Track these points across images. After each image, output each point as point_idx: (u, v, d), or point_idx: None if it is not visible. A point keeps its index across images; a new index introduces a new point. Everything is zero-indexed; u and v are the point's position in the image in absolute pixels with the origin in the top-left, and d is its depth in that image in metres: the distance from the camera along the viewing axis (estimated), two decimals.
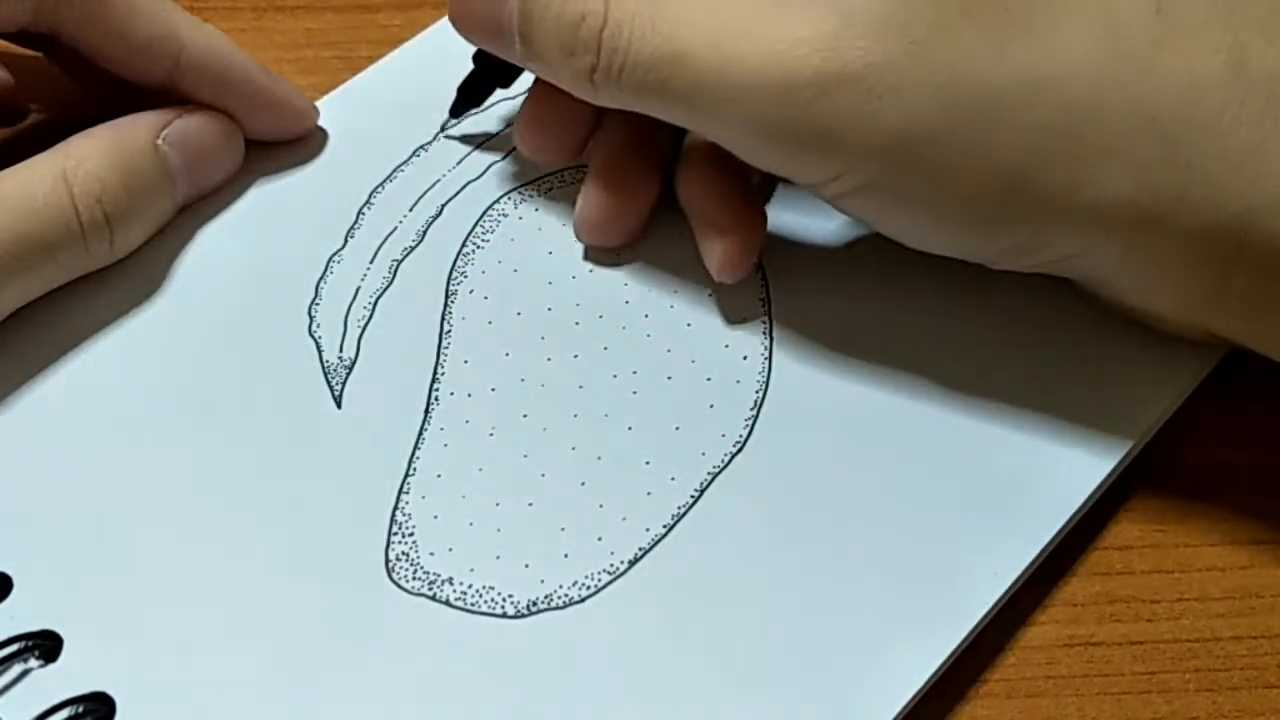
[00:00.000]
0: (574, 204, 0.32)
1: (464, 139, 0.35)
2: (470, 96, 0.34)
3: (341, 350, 0.31)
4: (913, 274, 0.31)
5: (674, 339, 0.31)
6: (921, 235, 0.28)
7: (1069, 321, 0.30)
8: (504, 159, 0.34)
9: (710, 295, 0.31)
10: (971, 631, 0.26)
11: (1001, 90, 0.25)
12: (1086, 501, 0.28)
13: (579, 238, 0.32)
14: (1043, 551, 0.27)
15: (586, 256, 0.32)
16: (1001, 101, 0.25)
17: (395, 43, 0.37)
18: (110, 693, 0.25)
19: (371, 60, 0.36)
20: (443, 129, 0.35)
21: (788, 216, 0.33)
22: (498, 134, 0.35)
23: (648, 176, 0.32)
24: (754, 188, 0.32)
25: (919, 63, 0.25)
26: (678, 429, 0.29)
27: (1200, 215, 0.26)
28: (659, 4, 0.27)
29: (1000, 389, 0.29)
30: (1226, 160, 0.25)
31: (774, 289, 0.31)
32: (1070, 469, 0.28)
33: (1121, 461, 0.29)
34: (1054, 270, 0.28)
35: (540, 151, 0.32)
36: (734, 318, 0.31)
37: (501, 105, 0.35)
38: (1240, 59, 0.25)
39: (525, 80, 0.33)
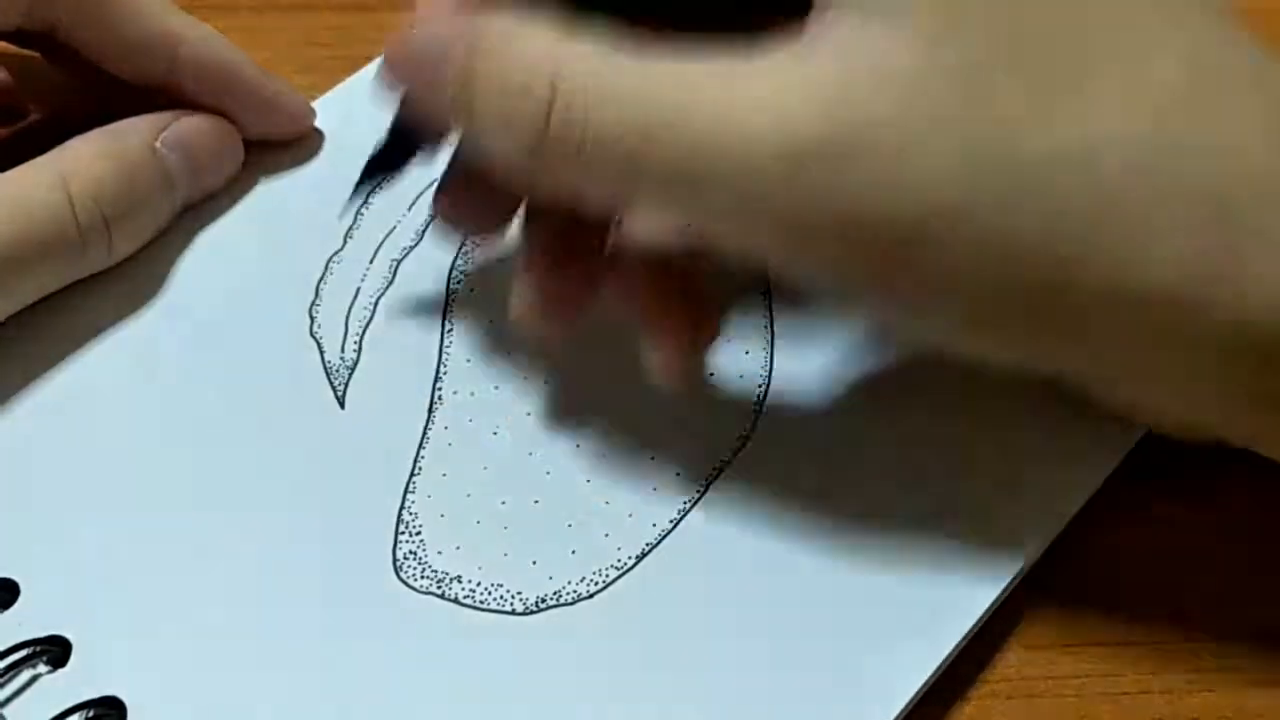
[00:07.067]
0: None
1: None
2: (380, 166, 0.29)
3: (343, 351, 0.31)
4: None
5: None
6: (949, 334, 0.25)
7: None
8: None
9: None
10: (972, 630, 0.26)
11: (1039, 166, 0.22)
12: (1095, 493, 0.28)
13: (514, 328, 0.28)
14: (1045, 543, 0.27)
15: None
16: (1037, 178, 0.22)
17: None
18: (120, 696, 0.25)
19: (371, 60, 0.36)
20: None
21: None
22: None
23: (591, 256, 0.27)
24: (704, 279, 0.28)
25: (944, 129, 0.22)
26: (681, 424, 0.29)
27: (1241, 303, 0.23)
28: (620, 68, 0.23)
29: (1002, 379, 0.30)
30: (1271, 240, 0.23)
31: (775, 281, 0.31)
32: (1077, 458, 0.28)
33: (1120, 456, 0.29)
34: (1067, 374, 0.26)
35: (458, 221, 0.29)
36: (735, 312, 0.31)
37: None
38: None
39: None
